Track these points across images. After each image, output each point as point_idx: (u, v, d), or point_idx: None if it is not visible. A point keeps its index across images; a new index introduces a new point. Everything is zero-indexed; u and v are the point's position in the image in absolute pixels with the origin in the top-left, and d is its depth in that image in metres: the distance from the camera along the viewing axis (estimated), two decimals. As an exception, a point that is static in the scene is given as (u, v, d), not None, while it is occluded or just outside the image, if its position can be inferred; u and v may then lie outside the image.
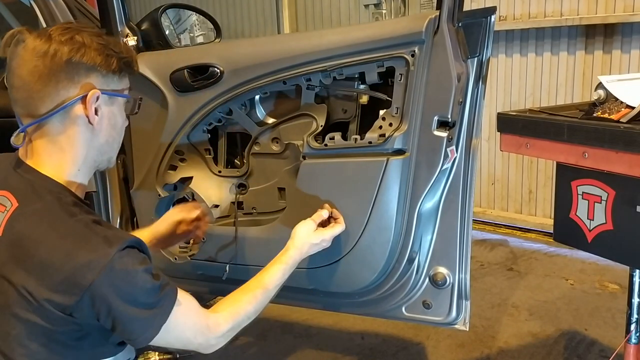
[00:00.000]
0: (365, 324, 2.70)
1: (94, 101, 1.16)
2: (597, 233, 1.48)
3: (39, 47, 1.13)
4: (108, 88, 1.19)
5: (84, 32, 1.16)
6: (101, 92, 1.17)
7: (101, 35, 1.19)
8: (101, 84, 1.17)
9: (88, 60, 1.14)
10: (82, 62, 1.14)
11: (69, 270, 1.05)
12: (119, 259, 1.07)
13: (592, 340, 2.55)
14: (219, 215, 1.94)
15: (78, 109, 1.16)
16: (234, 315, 1.33)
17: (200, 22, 2.54)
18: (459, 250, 1.69)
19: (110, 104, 1.21)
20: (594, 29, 3.52)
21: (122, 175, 2.11)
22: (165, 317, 1.13)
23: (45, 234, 1.09)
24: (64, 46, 1.13)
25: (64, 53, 1.12)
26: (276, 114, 1.85)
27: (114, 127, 1.23)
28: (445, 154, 1.60)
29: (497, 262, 3.49)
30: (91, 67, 1.15)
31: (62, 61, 1.13)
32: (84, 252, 1.06)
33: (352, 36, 1.65)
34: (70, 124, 1.17)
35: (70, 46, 1.13)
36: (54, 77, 1.13)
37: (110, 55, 1.17)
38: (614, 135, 1.35)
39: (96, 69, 1.16)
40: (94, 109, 1.16)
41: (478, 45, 1.62)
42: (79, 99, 1.15)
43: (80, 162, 1.20)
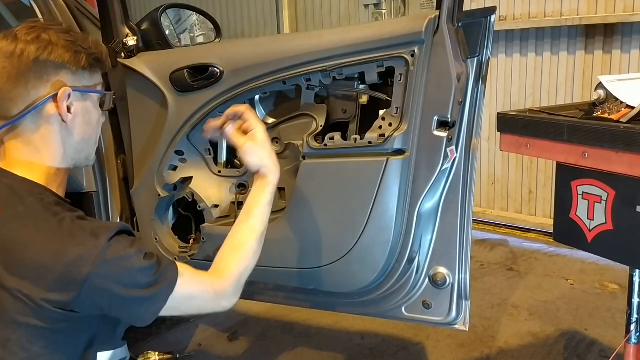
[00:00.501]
0: (365, 324, 2.70)
1: (65, 99, 1.15)
2: (597, 233, 1.48)
3: (5, 48, 1.12)
4: (79, 85, 1.18)
5: (50, 29, 1.15)
6: (72, 90, 1.16)
7: (69, 32, 1.18)
8: (72, 81, 1.17)
9: (56, 58, 1.14)
10: (50, 60, 1.13)
11: (62, 267, 1.04)
12: (109, 248, 1.07)
13: (592, 340, 2.55)
14: (219, 215, 1.94)
15: (50, 108, 1.15)
16: (236, 274, 1.29)
17: (200, 22, 2.54)
18: (459, 250, 1.69)
19: (83, 100, 1.20)
20: (594, 29, 3.52)
21: (122, 175, 2.11)
22: (170, 289, 1.13)
23: (31, 236, 1.08)
24: (30, 45, 1.12)
25: (31, 52, 1.12)
26: (276, 114, 1.85)
27: (88, 123, 1.23)
28: (445, 154, 1.60)
29: (497, 262, 3.49)
30: (60, 64, 1.14)
31: (30, 60, 1.12)
32: (73, 247, 1.06)
33: (352, 36, 1.65)
34: (43, 124, 1.16)
35: (36, 45, 1.12)
36: (23, 78, 1.12)
37: (78, 52, 1.16)
38: (614, 135, 1.35)
39: (65, 66, 1.15)
40: (66, 106, 1.16)
41: (478, 45, 1.62)
42: (50, 98, 1.14)
43: (58, 161, 1.20)
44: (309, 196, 1.73)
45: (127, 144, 2.03)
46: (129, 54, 1.93)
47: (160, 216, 2.01)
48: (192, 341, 2.65)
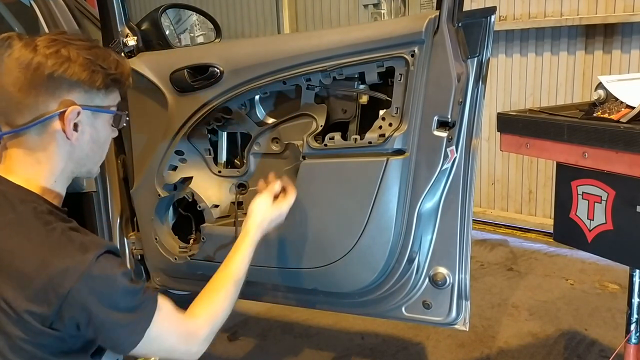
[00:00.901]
0: (365, 324, 2.70)
1: (72, 118, 1.13)
2: (597, 233, 1.48)
3: (23, 57, 1.10)
4: (91, 104, 1.16)
5: (71, 45, 1.13)
6: (82, 108, 1.14)
7: (91, 49, 1.16)
8: (84, 100, 1.15)
9: (71, 76, 1.12)
10: (65, 77, 1.11)
11: (46, 278, 1.03)
12: (96, 265, 1.05)
13: (592, 340, 2.55)
14: (219, 215, 1.94)
15: (56, 124, 1.13)
16: (212, 318, 1.30)
17: (200, 22, 2.54)
18: (459, 250, 1.69)
19: (93, 119, 1.18)
20: (594, 29, 3.52)
21: (122, 175, 2.11)
22: (148, 321, 1.11)
23: (20, 244, 1.07)
24: (47, 59, 1.10)
25: (47, 67, 1.10)
26: (276, 114, 1.85)
27: (95, 141, 1.21)
28: (445, 154, 1.60)
29: (497, 262, 3.49)
30: (74, 82, 1.13)
31: (44, 75, 1.10)
32: (61, 259, 1.04)
33: (352, 36, 1.65)
34: (47, 138, 1.15)
35: (54, 60, 1.10)
36: (34, 90, 1.11)
37: (95, 72, 1.14)
38: (614, 135, 1.35)
39: (79, 84, 1.13)
40: (72, 125, 1.14)
41: (478, 45, 1.62)
42: (57, 115, 1.13)
43: (57, 173, 1.18)
44: (309, 196, 1.73)
45: (127, 144, 2.03)
46: (129, 54, 1.93)
47: (160, 216, 2.01)
48: (192, 341, 2.64)
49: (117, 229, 2.13)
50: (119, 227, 2.13)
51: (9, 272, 1.05)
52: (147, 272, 2.18)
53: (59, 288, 1.03)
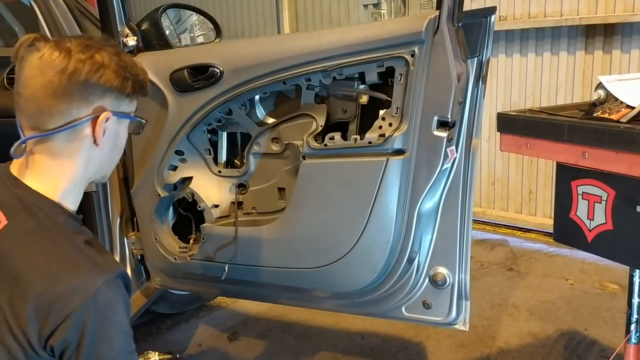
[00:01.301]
0: (365, 324, 2.70)
1: (103, 123, 1.14)
2: (597, 233, 1.48)
3: (57, 61, 1.09)
4: (119, 110, 1.18)
5: (104, 51, 1.13)
6: (112, 114, 1.15)
7: (119, 55, 1.16)
8: (113, 105, 1.16)
9: (105, 82, 1.12)
10: (99, 83, 1.12)
11: (54, 295, 1.02)
12: (104, 290, 1.04)
13: (592, 340, 2.55)
14: (218, 215, 1.94)
15: (87, 130, 1.14)
16: None
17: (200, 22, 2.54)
18: (459, 250, 1.69)
19: (117, 125, 1.19)
20: (594, 29, 3.51)
21: (122, 175, 2.11)
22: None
23: (33, 257, 1.06)
24: (83, 65, 1.09)
25: (83, 73, 1.09)
26: (276, 114, 1.85)
27: (116, 146, 1.22)
28: (445, 154, 1.60)
29: (497, 262, 3.49)
30: (107, 89, 1.13)
31: (80, 81, 1.10)
32: (71, 278, 1.04)
33: (352, 36, 1.65)
34: (75, 143, 1.14)
35: (90, 66, 1.10)
36: (69, 96, 1.10)
37: (127, 78, 1.15)
38: (614, 135, 1.35)
39: (112, 91, 1.14)
40: (103, 130, 1.15)
41: (478, 45, 1.63)
42: (89, 120, 1.13)
43: (78, 178, 1.18)
44: (309, 196, 1.74)
45: (127, 143, 2.02)
46: (129, 54, 1.93)
47: (160, 216, 2.02)
48: (192, 341, 2.64)
49: (117, 229, 2.13)
50: (119, 227, 2.13)
51: (18, 284, 1.04)
52: (147, 272, 2.18)
53: (63, 307, 1.01)
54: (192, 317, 2.85)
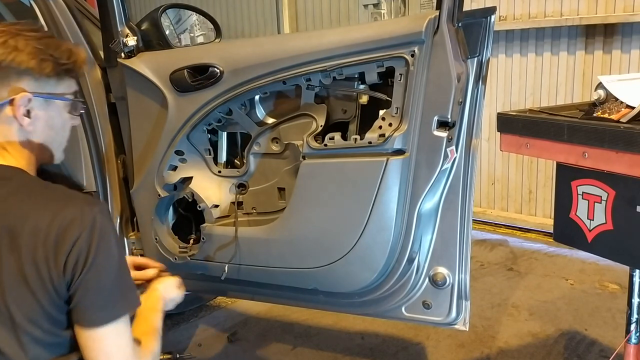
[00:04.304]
0: (365, 324, 2.70)
1: (23, 104, 1.17)
2: (597, 233, 1.48)
3: None
4: (43, 91, 1.20)
5: (20, 36, 1.17)
6: (34, 95, 1.18)
7: (42, 39, 1.20)
8: (34, 87, 1.19)
9: (19, 64, 1.15)
10: (12, 66, 1.15)
11: (58, 229, 1.08)
12: (100, 218, 1.11)
13: (592, 340, 2.55)
14: (218, 215, 1.94)
15: (8, 111, 1.17)
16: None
17: (200, 22, 2.53)
18: (459, 250, 1.69)
19: (46, 106, 1.22)
20: (594, 29, 3.52)
21: (122, 175, 2.11)
22: (124, 311, 1.14)
23: (26, 209, 1.11)
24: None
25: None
26: (276, 114, 1.85)
27: (51, 127, 1.25)
28: (445, 154, 1.60)
29: (497, 262, 3.49)
30: (22, 70, 1.16)
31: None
32: (68, 210, 1.10)
33: (352, 36, 1.65)
34: (3, 124, 1.19)
35: (1, 50, 1.14)
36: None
37: (45, 60, 1.18)
38: (614, 135, 1.35)
39: (28, 72, 1.17)
40: (23, 111, 1.18)
41: (478, 45, 1.62)
42: (7, 102, 1.17)
43: (24, 159, 1.22)
44: (309, 196, 1.73)
45: (127, 144, 2.03)
46: (129, 54, 1.93)
47: (160, 216, 2.01)
48: (192, 341, 2.65)
49: (117, 229, 2.13)
50: (119, 227, 2.13)
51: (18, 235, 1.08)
52: (147, 272, 2.18)
53: (70, 235, 1.08)
54: (192, 317, 2.86)
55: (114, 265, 1.13)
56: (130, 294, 1.17)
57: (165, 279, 1.58)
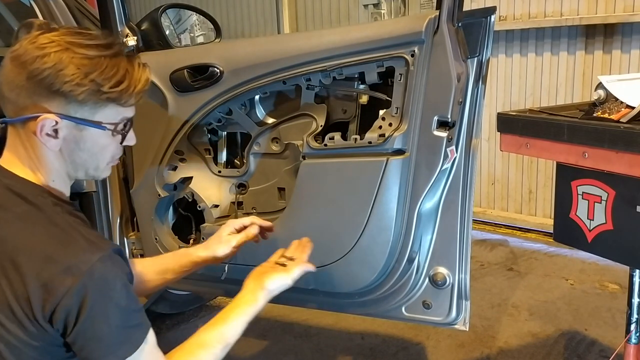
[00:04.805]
0: (365, 324, 2.70)
1: (47, 125, 1.07)
2: (597, 233, 1.48)
3: (20, 49, 1.06)
4: (74, 115, 1.09)
5: (68, 50, 1.06)
6: (61, 118, 1.07)
7: (94, 58, 1.07)
8: (65, 109, 1.08)
9: (52, 83, 1.05)
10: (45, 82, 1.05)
11: (50, 275, 1.01)
12: (99, 266, 1.02)
13: (592, 340, 2.55)
14: (218, 215, 1.94)
15: (32, 125, 1.08)
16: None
17: (200, 22, 2.54)
18: (459, 250, 1.69)
19: (77, 130, 1.10)
20: (594, 29, 3.52)
21: (122, 175, 2.11)
22: (132, 350, 1.06)
23: (27, 240, 1.05)
24: (35, 61, 1.04)
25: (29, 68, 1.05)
26: (276, 114, 1.85)
27: (83, 150, 1.13)
28: (445, 154, 1.60)
29: (497, 262, 3.49)
30: (55, 90, 1.05)
31: (24, 75, 1.05)
32: (65, 256, 1.02)
33: (351, 36, 1.65)
34: (29, 136, 1.11)
35: (39, 63, 1.04)
36: (16, 89, 1.07)
37: (81, 84, 1.06)
38: (614, 135, 1.35)
39: (61, 93, 1.06)
40: (43, 132, 1.08)
41: (478, 45, 1.62)
42: (29, 119, 1.08)
43: (52, 174, 1.14)
44: (309, 196, 1.73)
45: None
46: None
47: (160, 216, 2.01)
48: (192, 341, 2.64)
49: (117, 229, 2.13)
50: (119, 227, 2.13)
51: (14, 267, 1.03)
52: (147, 272, 2.18)
53: (60, 286, 1.00)
54: (192, 317, 2.86)
55: (116, 312, 1.04)
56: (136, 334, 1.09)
57: (271, 268, 1.42)
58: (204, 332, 1.26)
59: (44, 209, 1.09)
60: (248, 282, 1.39)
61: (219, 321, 1.29)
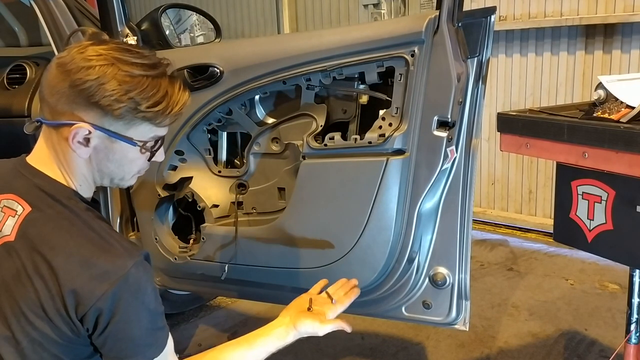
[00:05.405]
0: (365, 324, 2.70)
1: (79, 134, 1.10)
2: (597, 233, 1.48)
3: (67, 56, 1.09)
4: (108, 128, 1.11)
5: (114, 65, 1.08)
6: (95, 128, 1.10)
7: (136, 77, 1.09)
8: (100, 121, 1.10)
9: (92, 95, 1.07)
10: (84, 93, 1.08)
11: (87, 279, 1.04)
12: (134, 272, 1.07)
13: (592, 340, 2.55)
14: (218, 215, 1.94)
15: (65, 132, 1.11)
16: None
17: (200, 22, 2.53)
18: (459, 250, 1.69)
19: (108, 142, 1.13)
20: (594, 29, 3.52)
21: (122, 175, 2.10)
22: (158, 352, 1.12)
23: (63, 242, 1.07)
24: (79, 70, 1.07)
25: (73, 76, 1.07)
26: (276, 114, 1.85)
27: (111, 161, 1.16)
28: (445, 154, 1.60)
29: (497, 262, 3.49)
30: (93, 102, 1.08)
31: (67, 82, 1.08)
32: (102, 261, 1.06)
33: (352, 36, 1.65)
34: (61, 140, 1.13)
35: (83, 74, 1.07)
36: (57, 94, 1.09)
37: (119, 100, 1.08)
38: (614, 135, 1.35)
39: (98, 106, 1.08)
40: (79, 139, 1.10)
41: (478, 45, 1.62)
42: (64, 124, 1.10)
43: (80, 179, 1.17)
44: (309, 196, 1.74)
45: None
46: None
47: (160, 216, 2.02)
48: (192, 341, 2.64)
49: (117, 229, 2.13)
50: (119, 227, 2.13)
51: (50, 267, 1.05)
52: (147, 272, 2.18)
53: (96, 290, 1.04)
54: (192, 317, 2.85)
55: (147, 315, 1.09)
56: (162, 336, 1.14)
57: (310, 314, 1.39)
58: (227, 350, 1.28)
59: (79, 213, 1.12)
60: (286, 314, 1.39)
61: (245, 344, 1.31)
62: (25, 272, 1.07)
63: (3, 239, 1.10)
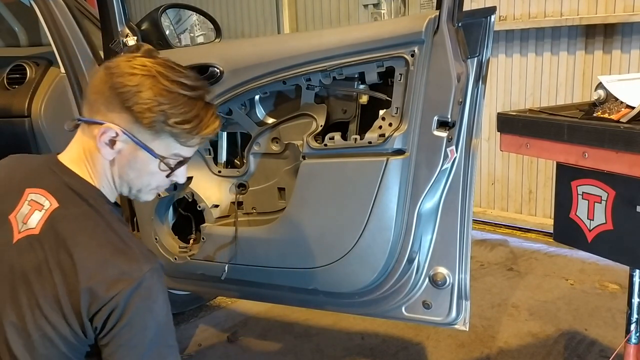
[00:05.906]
0: (365, 324, 2.70)
1: (108, 135, 1.15)
2: (597, 233, 1.48)
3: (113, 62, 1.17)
4: (135, 135, 1.16)
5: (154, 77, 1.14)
6: (123, 132, 1.16)
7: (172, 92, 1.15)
8: (130, 127, 1.16)
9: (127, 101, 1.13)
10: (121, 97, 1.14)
11: (104, 278, 1.07)
12: (149, 277, 1.10)
13: (592, 340, 2.55)
14: (218, 215, 1.94)
15: (95, 131, 1.16)
16: None
17: (200, 22, 2.53)
18: (459, 250, 1.69)
19: (133, 149, 1.18)
20: (594, 29, 3.52)
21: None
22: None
23: (86, 240, 1.11)
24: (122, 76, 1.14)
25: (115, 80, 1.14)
26: (276, 114, 1.85)
27: (132, 168, 1.21)
28: (445, 154, 1.60)
29: (497, 262, 3.49)
30: (127, 107, 1.14)
31: (107, 85, 1.14)
32: (121, 262, 1.09)
33: (352, 36, 1.65)
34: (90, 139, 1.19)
35: (124, 80, 1.13)
36: (97, 93, 1.16)
37: (151, 111, 1.14)
38: (614, 135, 1.35)
39: (131, 112, 1.14)
40: (106, 140, 1.16)
41: (478, 45, 1.62)
42: (97, 123, 1.16)
43: (103, 181, 1.21)
44: (309, 196, 1.73)
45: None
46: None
47: (160, 216, 2.02)
48: (192, 341, 2.64)
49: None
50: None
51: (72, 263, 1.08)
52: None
53: (111, 289, 1.06)
54: (192, 317, 2.86)
55: (154, 326, 1.10)
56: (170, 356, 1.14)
57: None
58: None
59: (103, 214, 1.16)
60: None
61: None
62: (47, 266, 1.09)
63: (27, 231, 1.13)
